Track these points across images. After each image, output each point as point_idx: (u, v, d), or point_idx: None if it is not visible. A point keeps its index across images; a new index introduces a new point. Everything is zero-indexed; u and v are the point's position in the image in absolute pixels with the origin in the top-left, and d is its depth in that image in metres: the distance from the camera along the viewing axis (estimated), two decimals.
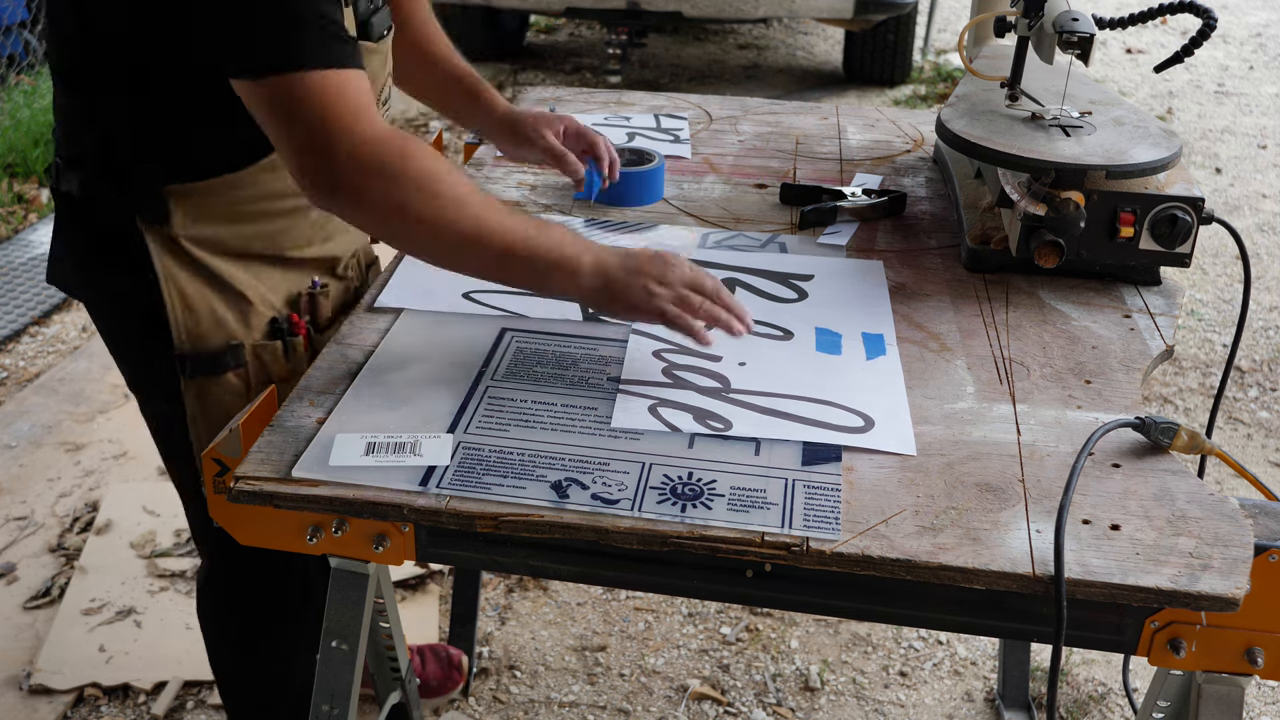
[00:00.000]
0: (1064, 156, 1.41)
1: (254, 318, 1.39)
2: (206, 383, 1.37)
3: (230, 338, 1.37)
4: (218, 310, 1.36)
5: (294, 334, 1.41)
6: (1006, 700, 2.13)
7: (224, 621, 1.74)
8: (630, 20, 5.02)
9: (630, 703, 2.17)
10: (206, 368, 1.37)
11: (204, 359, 1.36)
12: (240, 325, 1.38)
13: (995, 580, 0.99)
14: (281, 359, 1.40)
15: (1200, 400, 3.21)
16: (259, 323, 1.39)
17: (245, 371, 1.39)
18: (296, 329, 1.42)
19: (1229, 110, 5.66)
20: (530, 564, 1.12)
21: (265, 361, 1.40)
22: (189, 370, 1.37)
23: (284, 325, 1.41)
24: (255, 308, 1.38)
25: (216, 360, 1.37)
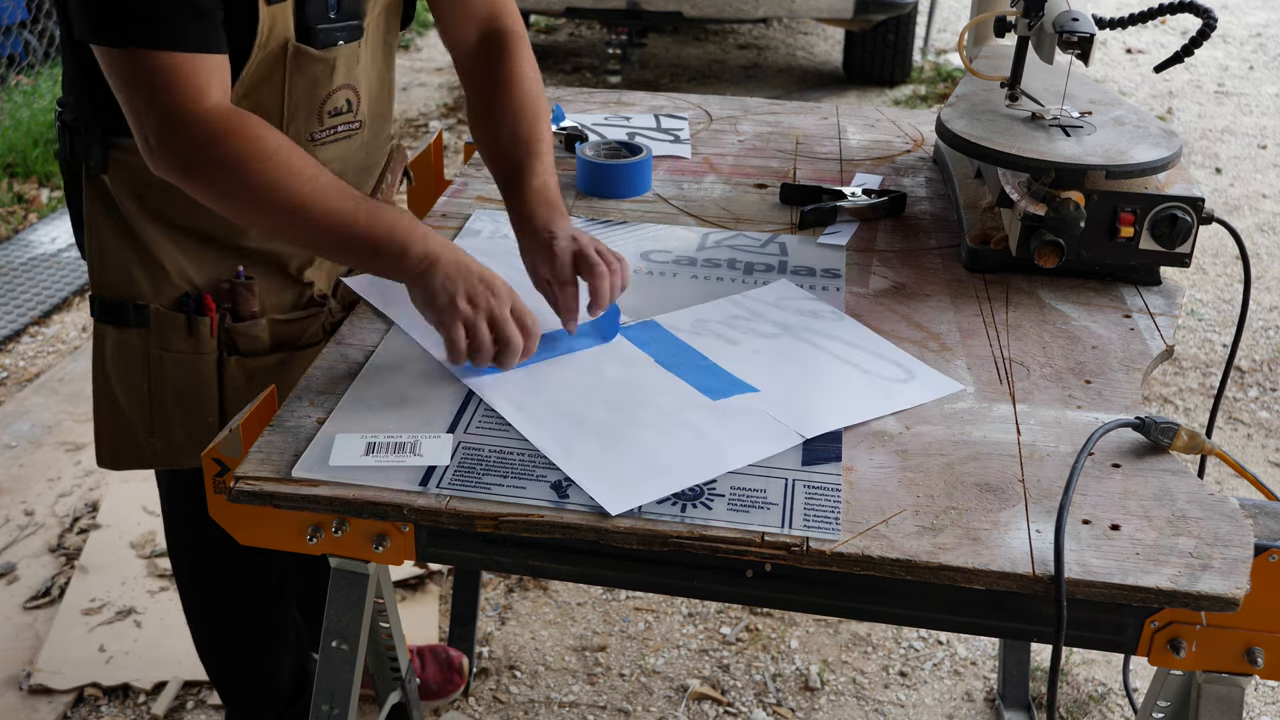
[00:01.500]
0: (1064, 156, 1.41)
1: (166, 286, 1.43)
2: (111, 331, 1.46)
3: (138, 296, 1.43)
4: (131, 268, 1.42)
5: (200, 313, 1.43)
6: (1006, 700, 2.13)
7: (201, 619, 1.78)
8: (630, 20, 5.02)
9: (630, 703, 2.17)
10: (111, 316, 1.45)
11: (109, 307, 1.45)
12: (150, 288, 1.43)
13: (995, 580, 0.99)
14: (183, 333, 1.43)
15: (1200, 400, 3.21)
16: (170, 291, 1.43)
17: (147, 334, 1.44)
18: (205, 310, 1.43)
19: (1229, 110, 5.66)
20: (530, 564, 1.12)
21: (165, 331, 1.44)
22: (96, 311, 1.46)
23: (192, 302, 1.43)
24: (170, 276, 1.43)
25: (120, 312, 1.44)
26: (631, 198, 1.74)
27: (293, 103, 1.39)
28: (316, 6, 1.35)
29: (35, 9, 5.33)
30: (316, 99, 1.41)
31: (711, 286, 1.48)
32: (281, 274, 1.49)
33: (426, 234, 1.26)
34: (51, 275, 3.80)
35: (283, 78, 1.36)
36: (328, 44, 1.39)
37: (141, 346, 1.45)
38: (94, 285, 1.45)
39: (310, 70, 1.38)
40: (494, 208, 1.69)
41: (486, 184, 1.78)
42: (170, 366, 1.45)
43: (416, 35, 6.76)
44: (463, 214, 1.68)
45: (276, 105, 1.37)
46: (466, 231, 1.61)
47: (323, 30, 1.38)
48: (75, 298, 3.68)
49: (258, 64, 1.33)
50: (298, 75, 1.37)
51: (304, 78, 1.38)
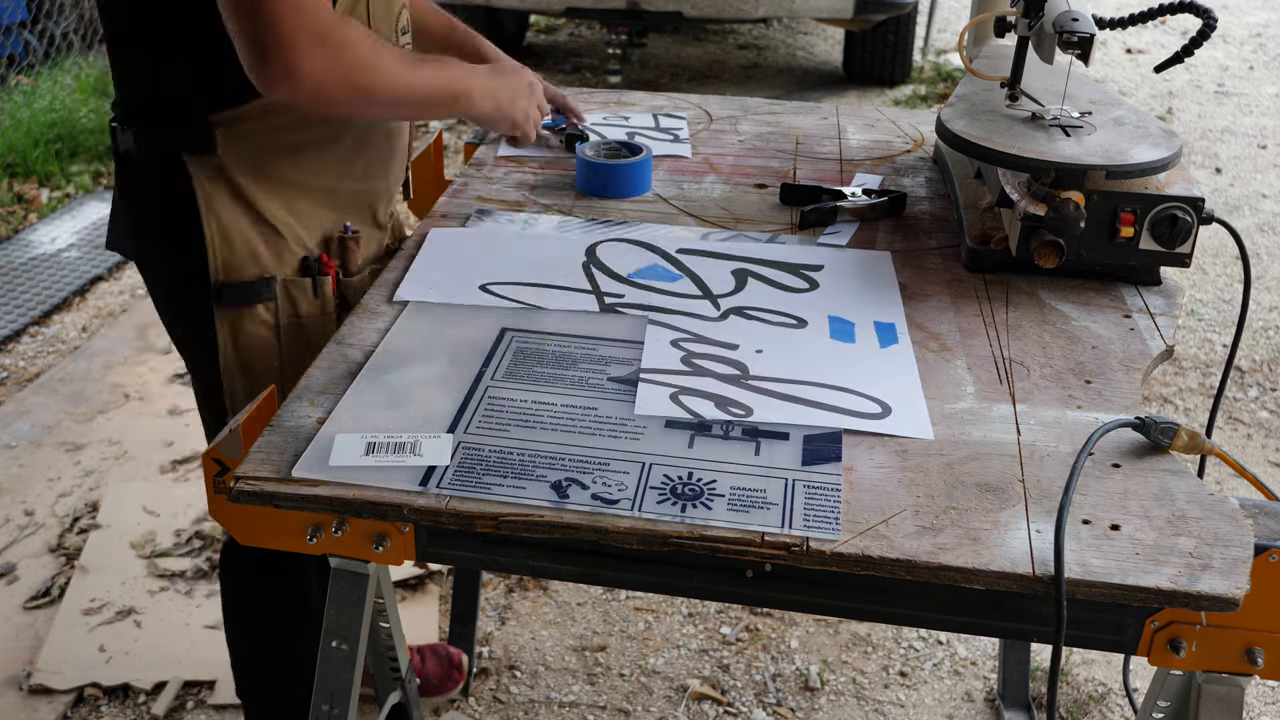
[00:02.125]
0: (1064, 156, 1.41)
1: (286, 254, 1.47)
2: (238, 315, 1.45)
3: (263, 271, 1.45)
4: (253, 243, 1.44)
5: (323, 274, 1.49)
6: (1006, 700, 2.13)
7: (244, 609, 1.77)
8: (630, 20, 5.02)
9: (630, 703, 2.17)
10: (239, 298, 1.45)
11: (237, 290, 1.44)
12: (273, 260, 1.46)
13: (995, 580, 0.99)
14: (310, 296, 1.49)
15: (1200, 400, 3.21)
16: (291, 259, 1.48)
17: (275, 306, 1.47)
18: (326, 269, 1.50)
19: (1229, 110, 5.66)
20: (530, 564, 1.12)
21: (294, 297, 1.48)
22: (223, 300, 1.44)
23: (314, 264, 1.49)
24: (288, 244, 1.47)
25: (249, 291, 1.45)
26: (632, 198, 1.75)
27: (376, 26, 1.45)
28: None
29: (35, 9, 5.33)
30: (392, 16, 1.50)
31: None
32: (371, 222, 1.58)
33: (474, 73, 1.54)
34: (51, 275, 3.80)
35: (366, 4, 1.43)
36: None
37: (271, 320, 1.48)
38: (220, 272, 1.43)
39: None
40: (494, 207, 1.70)
41: (486, 184, 1.78)
42: (300, 333, 1.50)
43: None
44: (463, 214, 1.68)
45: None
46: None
47: None
48: (75, 298, 3.68)
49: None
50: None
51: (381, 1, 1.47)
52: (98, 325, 3.53)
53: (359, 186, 1.54)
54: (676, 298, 1.44)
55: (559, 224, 1.64)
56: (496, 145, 1.93)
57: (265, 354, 1.49)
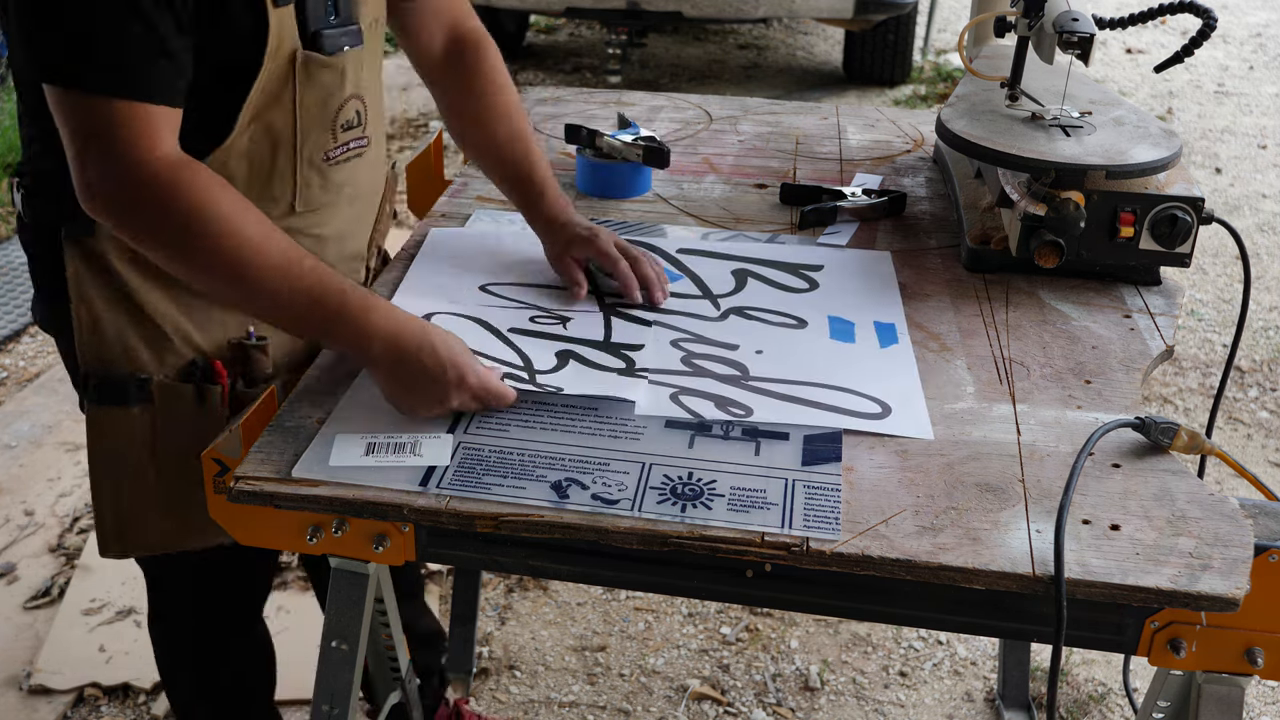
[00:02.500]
0: (1064, 156, 1.41)
1: (168, 355, 1.30)
2: (107, 412, 1.30)
3: (138, 369, 1.29)
4: (128, 339, 1.28)
5: (212, 382, 1.31)
6: (1006, 700, 2.13)
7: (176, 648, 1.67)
8: (630, 20, 5.02)
9: (630, 703, 2.17)
10: (107, 395, 1.29)
11: (105, 385, 1.29)
12: (152, 359, 1.29)
13: (995, 580, 0.99)
14: (192, 405, 1.31)
15: (1200, 400, 3.21)
16: (174, 360, 1.31)
17: (151, 410, 1.30)
18: (216, 377, 1.32)
19: (1229, 110, 5.66)
20: (530, 564, 1.12)
21: (173, 405, 1.30)
22: (89, 393, 1.30)
23: (200, 370, 1.31)
24: (172, 343, 1.30)
25: (117, 389, 1.29)
26: (632, 198, 1.75)
27: (306, 119, 1.28)
28: (316, 9, 1.26)
29: None
30: (330, 112, 1.31)
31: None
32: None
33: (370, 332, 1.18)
34: None
35: (293, 93, 1.26)
36: (334, 49, 1.28)
37: (146, 424, 1.31)
38: (86, 363, 1.29)
39: (321, 80, 1.28)
40: (494, 207, 1.70)
41: (486, 184, 1.78)
42: (179, 442, 1.30)
43: None
44: (463, 214, 1.68)
45: (289, 126, 1.27)
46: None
47: (328, 35, 1.27)
48: None
49: (267, 80, 1.22)
50: (309, 87, 1.27)
51: (315, 89, 1.28)
52: None
53: None
54: (677, 298, 1.44)
55: None
56: None
57: (137, 459, 1.33)
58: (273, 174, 1.28)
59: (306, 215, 1.34)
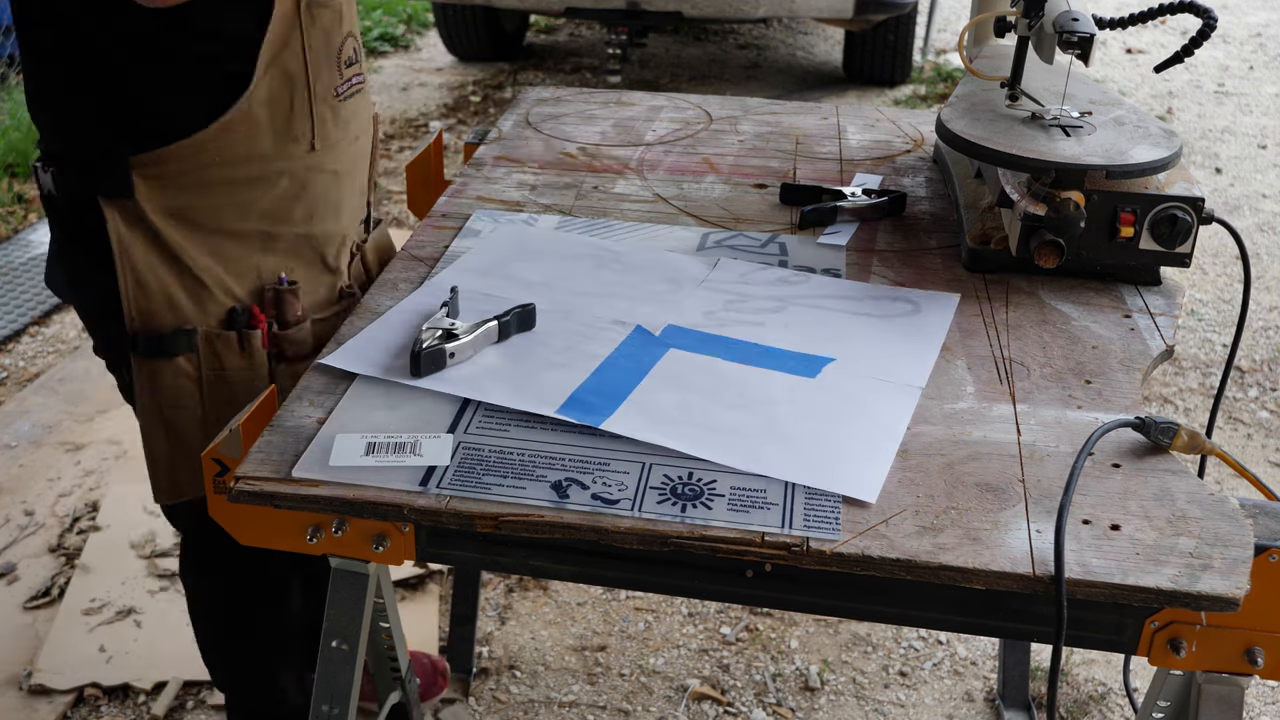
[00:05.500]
0: (1064, 156, 1.41)
1: (210, 304, 1.37)
2: (156, 364, 1.36)
3: (183, 322, 1.35)
4: (172, 291, 1.34)
5: (252, 327, 1.38)
6: (1006, 700, 2.13)
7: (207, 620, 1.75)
8: (630, 20, 5.02)
9: (630, 703, 2.17)
10: (155, 349, 1.36)
11: (153, 339, 1.35)
12: (195, 310, 1.36)
13: (995, 580, 0.99)
14: (236, 351, 1.38)
15: (1200, 400, 3.21)
16: (216, 310, 1.37)
17: (196, 358, 1.37)
18: (255, 322, 1.38)
19: (1229, 110, 5.66)
20: (530, 564, 1.12)
21: (218, 351, 1.37)
22: (139, 348, 1.36)
23: (242, 316, 1.38)
24: (214, 294, 1.36)
25: (165, 342, 1.35)
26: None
27: (315, 60, 1.37)
28: None
29: None
30: (333, 50, 1.40)
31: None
32: (319, 267, 1.48)
33: None
34: None
35: (301, 36, 1.34)
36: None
37: (193, 372, 1.38)
38: (134, 320, 1.36)
39: (323, 21, 1.37)
40: (494, 207, 1.70)
41: (486, 184, 1.78)
42: (225, 387, 1.39)
43: (416, 35, 6.76)
44: (463, 214, 1.68)
45: (301, 68, 1.36)
46: (466, 232, 1.61)
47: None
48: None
49: (276, 25, 1.31)
50: (313, 29, 1.36)
51: (318, 31, 1.37)
52: None
53: (301, 231, 1.43)
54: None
55: (559, 224, 1.64)
56: (496, 145, 1.93)
57: (186, 407, 1.40)
58: (292, 115, 1.36)
59: (324, 153, 1.42)
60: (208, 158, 1.32)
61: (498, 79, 5.90)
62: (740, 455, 1.13)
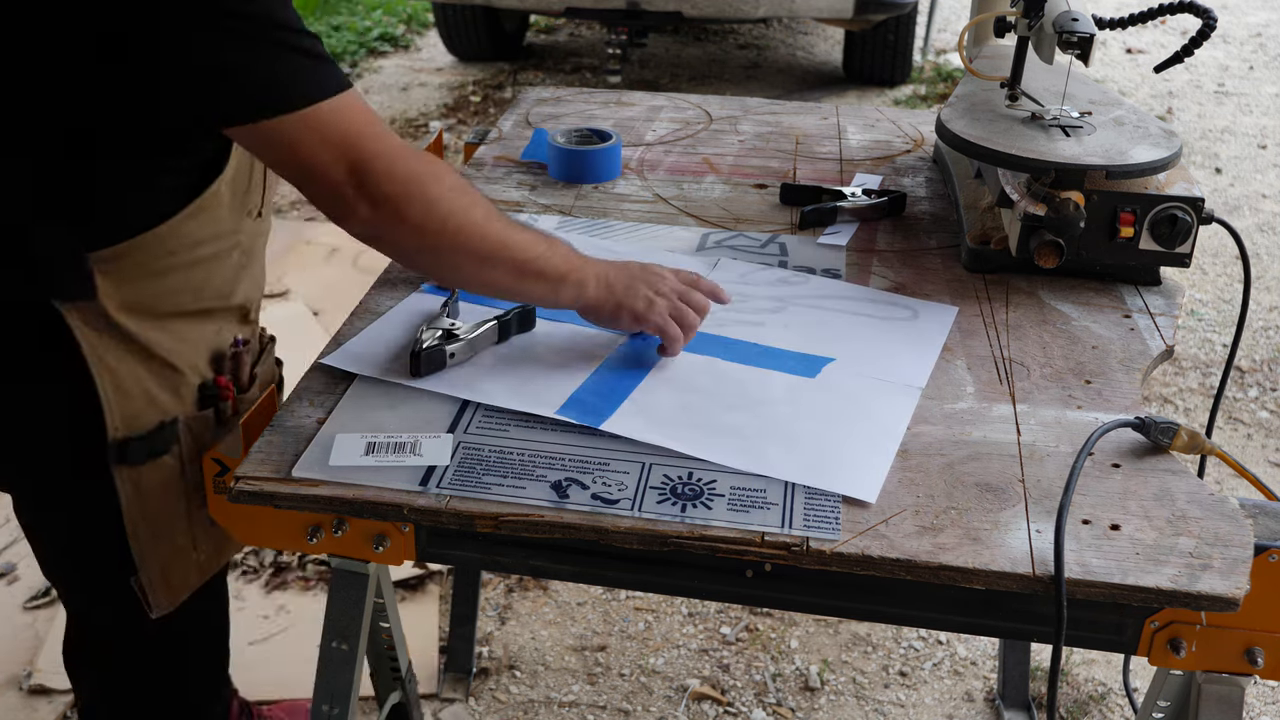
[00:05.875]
0: (1064, 156, 1.41)
1: (183, 388, 1.30)
2: (143, 470, 1.28)
3: (164, 414, 1.28)
4: (149, 387, 1.27)
5: (223, 399, 1.33)
6: (1006, 700, 2.13)
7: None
8: (630, 20, 5.02)
9: (630, 703, 2.17)
10: (145, 452, 1.28)
11: (142, 443, 1.27)
12: (172, 399, 1.29)
13: (995, 580, 0.99)
14: (213, 429, 1.32)
15: (1200, 400, 3.21)
16: (188, 393, 1.31)
17: (179, 449, 1.30)
18: (225, 394, 1.33)
19: (1229, 110, 5.66)
20: (530, 564, 1.12)
21: (197, 434, 1.31)
22: (127, 456, 1.27)
23: (212, 391, 1.33)
24: (185, 376, 1.30)
25: (155, 441, 1.28)
26: (604, 182, 1.79)
27: None
28: None
29: None
30: None
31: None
32: (247, 325, 1.41)
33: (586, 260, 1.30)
34: None
35: None
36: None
37: (177, 465, 1.31)
38: (118, 428, 1.25)
39: None
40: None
41: (486, 184, 1.78)
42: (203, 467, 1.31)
43: (416, 35, 6.76)
44: None
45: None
46: None
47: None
48: None
49: None
50: None
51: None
52: None
53: (240, 300, 1.37)
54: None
55: (559, 224, 1.65)
56: (496, 145, 1.93)
57: (171, 504, 1.32)
58: (250, 187, 1.32)
59: (265, 218, 1.38)
60: (170, 243, 1.24)
61: (498, 79, 5.90)
62: (740, 455, 1.13)
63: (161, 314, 1.27)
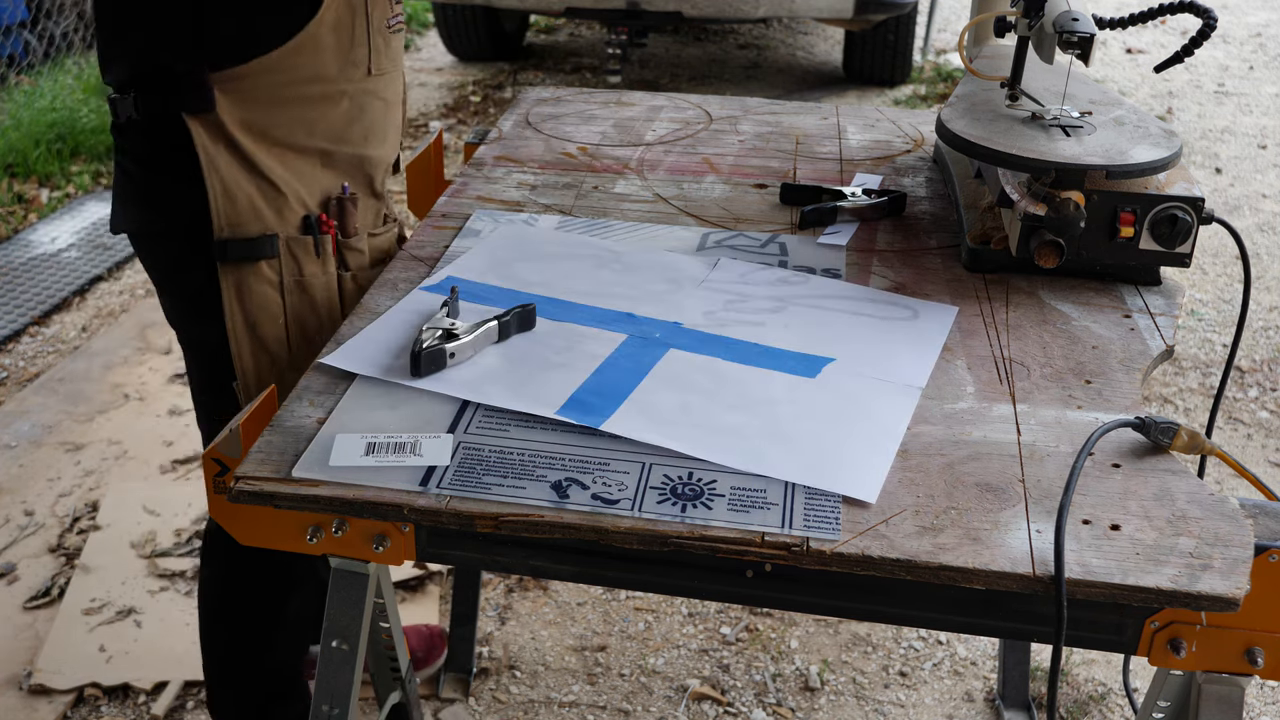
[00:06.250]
0: (1064, 156, 1.41)
1: (288, 212, 1.49)
2: (243, 272, 1.47)
3: (266, 228, 1.47)
4: (255, 200, 1.46)
5: (324, 233, 1.52)
6: (1006, 700, 2.13)
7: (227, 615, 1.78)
8: (630, 20, 5.02)
9: (630, 703, 2.17)
10: (243, 253, 1.47)
11: (240, 245, 1.46)
12: (275, 217, 1.48)
13: (995, 580, 0.99)
14: (313, 255, 1.51)
15: (1200, 400, 3.21)
16: (292, 218, 1.50)
17: (279, 264, 1.49)
18: (326, 228, 1.52)
19: (1229, 110, 5.66)
20: (530, 564, 1.12)
21: (297, 256, 1.50)
22: (227, 254, 1.46)
23: (315, 223, 1.51)
24: (289, 202, 1.49)
25: (253, 247, 1.47)
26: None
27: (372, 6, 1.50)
28: None
29: (35, 9, 5.33)
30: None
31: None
32: (368, 189, 1.60)
33: None
34: (51, 275, 3.80)
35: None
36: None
37: (275, 279, 1.50)
38: (223, 229, 1.45)
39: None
40: (494, 207, 1.70)
41: (486, 184, 1.78)
42: (303, 294, 1.52)
43: (416, 35, 6.76)
44: (463, 214, 1.68)
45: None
46: (466, 232, 1.61)
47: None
48: (75, 298, 3.68)
49: None
50: None
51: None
52: (98, 325, 3.53)
53: (357, 152, 1.56)
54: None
55: (559, 224, 1.65)
56: (496, 145, 1.93)
57: (271, 313, 1.51)
58: (353, 41, 1.49)
59: (377, 79, 1.55)
60: (281, 76, 1.44)
61: (498, 79, 5.90)
62: (740, 455, 1.13)
63: (276, 141, 1.47)
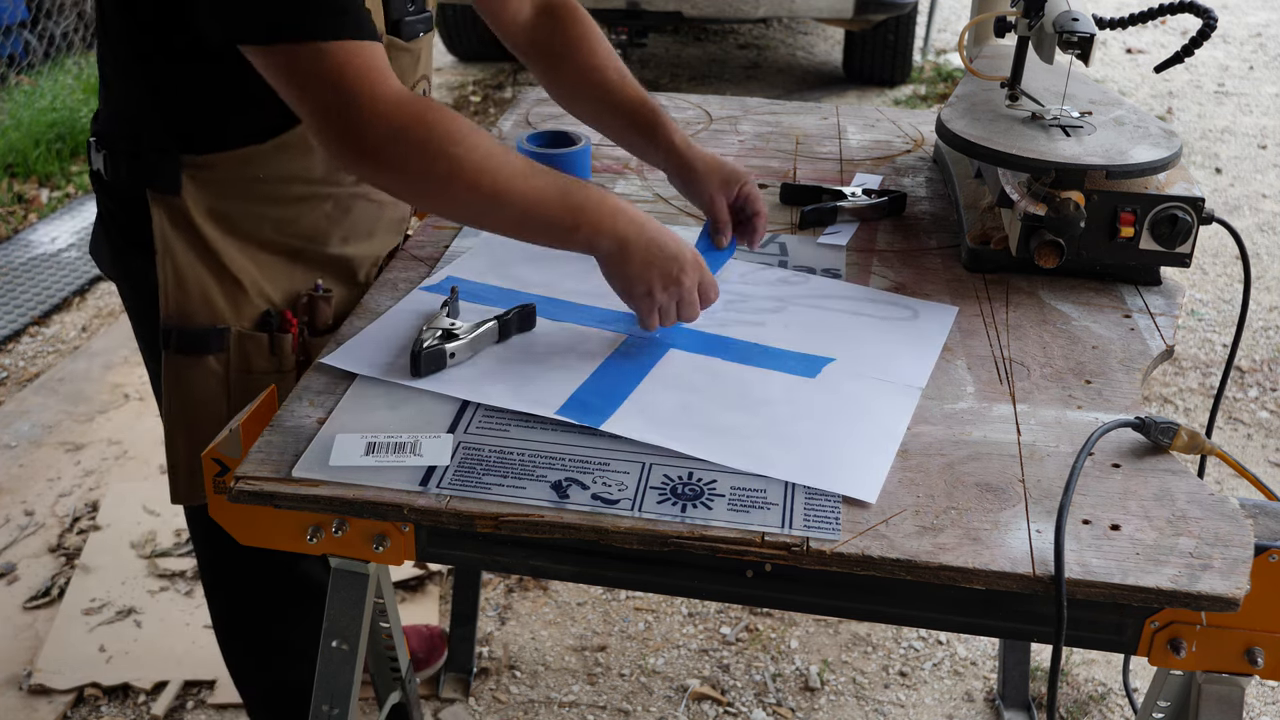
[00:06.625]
0: (1064, 156, 1.41)
1: (245, 306, 1.38)
2: (185, 361, 1.38)
3: (217, 320, 1.37)
4: (209, 290, 1.36)
5: (284, 331, 1.40)
6: (1006, 700, 2.13)
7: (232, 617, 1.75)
8: (630, 20, 5.02)
9: (630, 703, 2.17)
10: (187, 345, 1.37)
11: (187, 335, 1.37)
12: (230, 310, 1.38)
13: (995, 580, 0.99)
14: (266, 353, 1.40)
15: (1200, 400, 3.21)
16: (250, 312, 1.39)
17: (226, 358, 1.38)
18: (287, 326, 1.41)
19: (1229, 110, 5.66)
20: (530, 564, 1.12)
21: (248, 352, 1.39)
22: (172, 344, 1.37)
23: (275, 320, 1.40)
24: (248, 296, 1.38)
25: (198, 339, 1.37)
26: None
27: None
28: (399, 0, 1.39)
29: (35, 9, 5.33)
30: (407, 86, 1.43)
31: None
32: (350, 282, 1.48)
33: (616, 211, 1.27)
34: (51, 275, 3.80)
35: None
36: (412, 35, 1.43)
37: (221, 372, 1.39)
38: (169, 316, 1.36)
39: (400, 63, 1.37)
40: None
41: None
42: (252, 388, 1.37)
43: None
44: None
45: None
46: (466, 232, 1.61)
47: (408, 22, 1.41)
48: (75, 298, 3.68)
49: None
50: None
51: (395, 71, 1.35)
52: (98, 325, 3.53)
53: (336, 251, 1.45)
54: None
55: None
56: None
57: (210, 409, 1.40)
58: None
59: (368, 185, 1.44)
60: (258, 170, 1.34)
61: (498, 79, 5.90)
62: (740, 455, 1.13)
63: (244, 234, 1.37)
